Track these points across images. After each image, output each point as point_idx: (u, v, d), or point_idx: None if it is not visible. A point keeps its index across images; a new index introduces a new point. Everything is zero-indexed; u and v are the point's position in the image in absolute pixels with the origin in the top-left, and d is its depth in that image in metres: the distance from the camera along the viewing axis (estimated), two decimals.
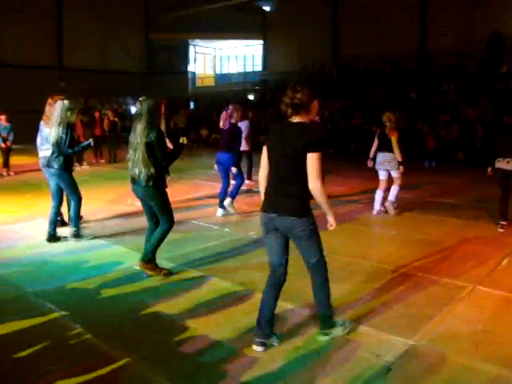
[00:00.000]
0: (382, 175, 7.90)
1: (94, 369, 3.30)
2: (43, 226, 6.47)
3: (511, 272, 5.35)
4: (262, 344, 3.58)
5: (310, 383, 3.17)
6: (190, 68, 32.80)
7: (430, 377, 3.25)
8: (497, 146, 7.10)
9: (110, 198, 9.10)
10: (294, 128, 3.45)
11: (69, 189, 6.28)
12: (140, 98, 4.80)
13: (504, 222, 7.03)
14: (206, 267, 5.41)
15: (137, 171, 4.75)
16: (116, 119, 16.21)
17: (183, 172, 12.37)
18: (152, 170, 4.70)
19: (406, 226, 7.46)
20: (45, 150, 6.65)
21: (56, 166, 6.10)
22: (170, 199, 5.04)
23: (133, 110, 4.90)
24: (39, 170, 6.73)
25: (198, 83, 32.94)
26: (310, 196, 3.44)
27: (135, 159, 4.74)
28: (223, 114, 8.14)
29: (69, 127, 6.08)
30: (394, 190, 7.92)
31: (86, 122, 15.80)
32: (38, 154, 6.80)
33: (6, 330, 3.88)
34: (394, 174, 7.82)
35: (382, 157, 7.79)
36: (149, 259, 5.03)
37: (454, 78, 19.05)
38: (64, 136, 5.99)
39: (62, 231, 6.46)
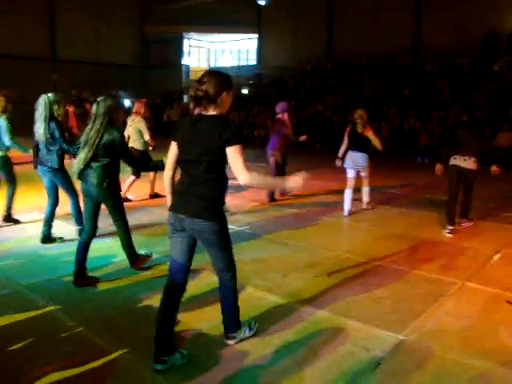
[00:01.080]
0: (351, 173, 7.71)
1: (87, 362, 3.33)
2: (38, 219, 6.46)
3: (500, 268, 5.42)
4: (162, 362, 3.25)
5: (299, 377, 3.21)
6: (184, 61, 32.70)
7: (418, 371, 3.30)
8: (453, 142, 6.77)
9: None
10: (206, 122, 3.10)
11: (64, 187, 6.06)
12: (98, 98, 4.69)
13: (452, 227, 6.74)
14: (197, 261, 5.41)
15: (84, 170, 4.58)
16: None
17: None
18: (105, 170, 4.60)
19: (396, 221, 7.52)
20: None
21: (49, 164, 5.85)
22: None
23: (94, 108, 4.90)
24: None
25: (192, 76, 32.81)
26: (223, 198, 3.26)
27: (86, 158, 4.54)
28: None
29: (58, 121, 5.86)
30: (366, 190, 7.92)
31: (80, 113, 15.78)
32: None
33: None
34: (364, 174, 7.77)
35: (352, 156, 7.62)
36: (136, 257, 5.10)
37: (448, 76, 19.11)
38: (57, 131, 5.77)
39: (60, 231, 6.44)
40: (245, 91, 26.09)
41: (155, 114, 22.17)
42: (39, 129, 5.76)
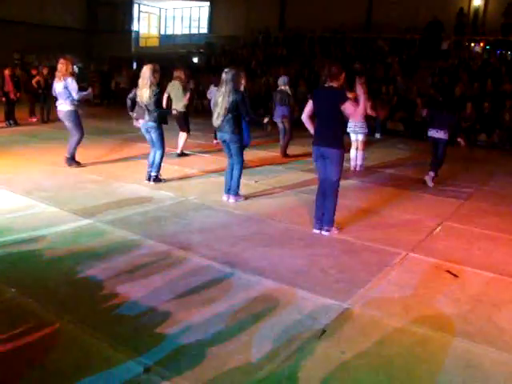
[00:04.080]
0: (353, 137, 9.40)
1: (30, 333, 3.23)
2: None
3: (442, 240, 5.60)
4: (319, 229, 5.53)
5: (247, 345, 3.23)
6: (134, 27, 31.69)
7: (363, 338, 3.38)
8: (429, 119, 8.54)
9: (48, 160, 8.76)
10: (332, 91, 5.29)
11: (159, 141, 7.32)
12: (225, 69, 6.31)
13: (432, 174, 8.32)
14: (145, 231, 5.34)
15: (222, 122, 6.24)
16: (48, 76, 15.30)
17: (123, 133, 12.03)
18: (234, 121, 6.23)
19: (347, 194, 7.58)
20: (60, 105, 8.11)
21: (151, 122, 7.12)
22: (105, 158, 4.92)
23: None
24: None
25: (142, 43, 31.92)
26: (342, 135, 5.47)
27: (220, 113, 6.21)
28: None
29: (157, 87, 7.08)
30: (360, 155, 9.42)
31: (24, 78, 15.10)
32: None
33: None
34: (361, 137, 9.35)
35: (353, 124, 9.22)
36: (236, 191, 6.68)
37: (399, 51, 19.33)
38: (158, 95, 7.08)
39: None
40: (195, 60, 25.62)
41: (103, 81, 21.46)
42: (145, 93, 6.99)
